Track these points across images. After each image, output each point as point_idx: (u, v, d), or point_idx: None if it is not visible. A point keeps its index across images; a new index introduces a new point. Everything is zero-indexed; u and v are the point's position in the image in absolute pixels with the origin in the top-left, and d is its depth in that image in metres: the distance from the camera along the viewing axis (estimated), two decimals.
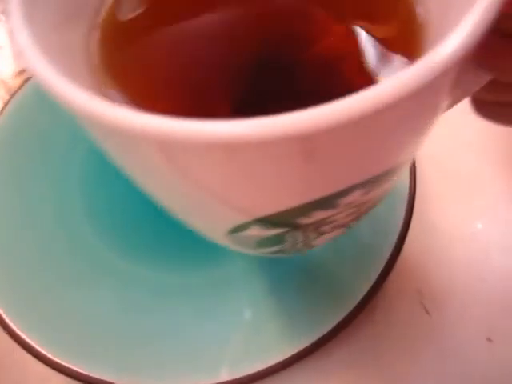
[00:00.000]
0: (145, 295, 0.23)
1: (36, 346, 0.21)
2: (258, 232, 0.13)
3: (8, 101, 0.27)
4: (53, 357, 0.21)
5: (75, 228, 0.24)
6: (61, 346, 0.21)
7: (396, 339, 0.24)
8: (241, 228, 0.13)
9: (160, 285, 0.23)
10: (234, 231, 0.14)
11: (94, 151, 0.16)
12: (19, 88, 0.27)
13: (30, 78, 0.27)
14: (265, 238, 0.14)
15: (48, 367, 0.21)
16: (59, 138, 0.26)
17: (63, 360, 0.21)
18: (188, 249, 0.23)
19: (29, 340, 0.21)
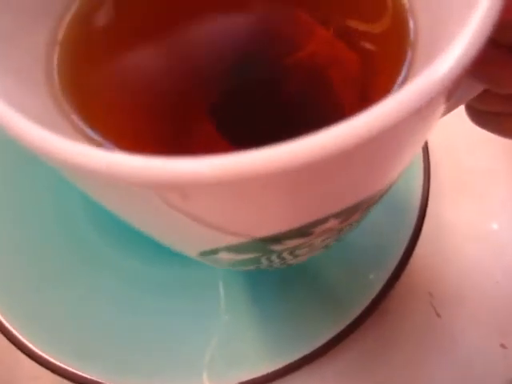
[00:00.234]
0: (138, 293, 0.22)
1: (28, 344, 0.20)
2: (230, 256, 0.13)
3: None
4: (45, 355, 0.20)
5: (72, 223, 0.23)
6: (52, 345, 0.20)
7: (405, 342, 0.23)
8: (210, 252, 0.13)
9: (156, 282, 0.22)
10: (205, 254, 0.13)
11: None
12: None
13: None
14: (238, 261, 0.14)
15: (39, 365, 0.20)
16: None
17: (55, 358, 0.20)
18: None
19: (21, 337, 0.20)
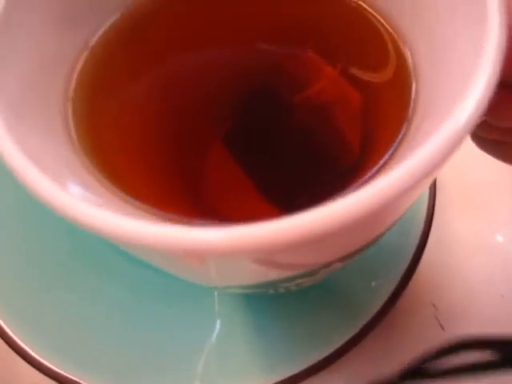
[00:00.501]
0: (137, 301, 0.21)
1: (27, 350, 0.20)
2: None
3: None
4: (44, 361, 0.20)
5: (72, 228, 0.23)
6: (52, 351, 0.20)
7: (409, 354, 0.23)
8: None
9: (154, 290, 0.21)
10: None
11: None
12: None
13: None
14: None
15: (38, 371, 0.20)
16: None
17: (54, 365, 0.20)
18: None
19: (20, 343, 0.20)
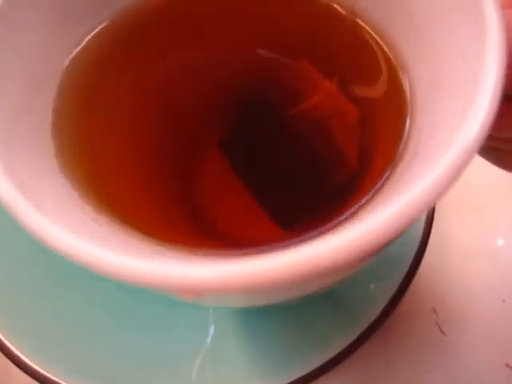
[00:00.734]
0: (133, 305, 0.21)
1: (22, 357, 0.20)
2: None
3: None
4: (38, 368, 0.20)
5: None
6: (46, 358, 0.20)
7: (409, 359, 0.23)
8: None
9: (150, 296, 0.21)
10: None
11: None
12: None
13: None
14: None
15: (32, 379, 0.20)
16: None
17: (49, 372, 0.20)
18: None
19: (14, 350, 0.20)
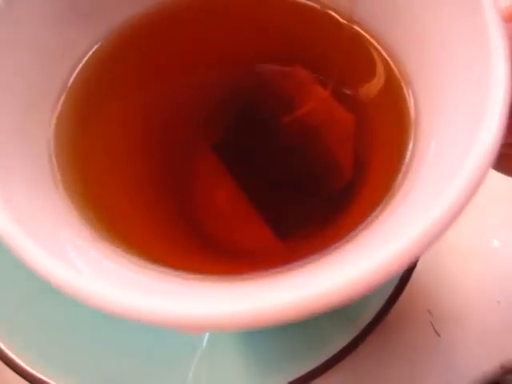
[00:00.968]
0: None
1: (16, 360, 0.20)
2: None
3: None
4: (33, 371, 0.20)
5: None
6: (40, 361, 0.20)
7: (404, 360, 0.23)
8: None
9: None
10: None
11: None
12: None
13: None
14: None
15: (27, 382, 0.20)
16: None
17: (43, 374, 0.20)
18: None
19: (8, 352, 0.20)
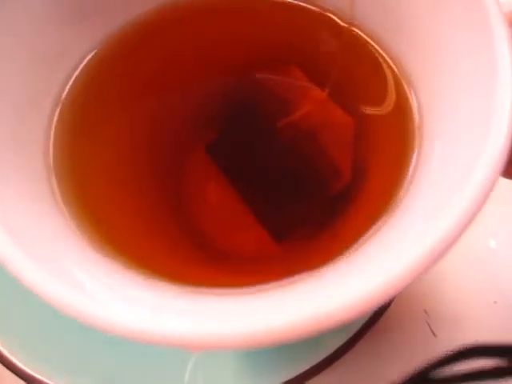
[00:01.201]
0: None
1: (12, 359, 0.20)
2: None
3: None
4: (28, 370, 0.20)
5: None
6: (36, 360, 0.20)
7: (399, 361, 0.23)
8: None
9: None
10: None
11: None
12: None
13: None
14: None
15: (23, 381, 0.20)
16: None
17: (39, 373, 0.20)
18: None
19: (4, 351, 0.20)
